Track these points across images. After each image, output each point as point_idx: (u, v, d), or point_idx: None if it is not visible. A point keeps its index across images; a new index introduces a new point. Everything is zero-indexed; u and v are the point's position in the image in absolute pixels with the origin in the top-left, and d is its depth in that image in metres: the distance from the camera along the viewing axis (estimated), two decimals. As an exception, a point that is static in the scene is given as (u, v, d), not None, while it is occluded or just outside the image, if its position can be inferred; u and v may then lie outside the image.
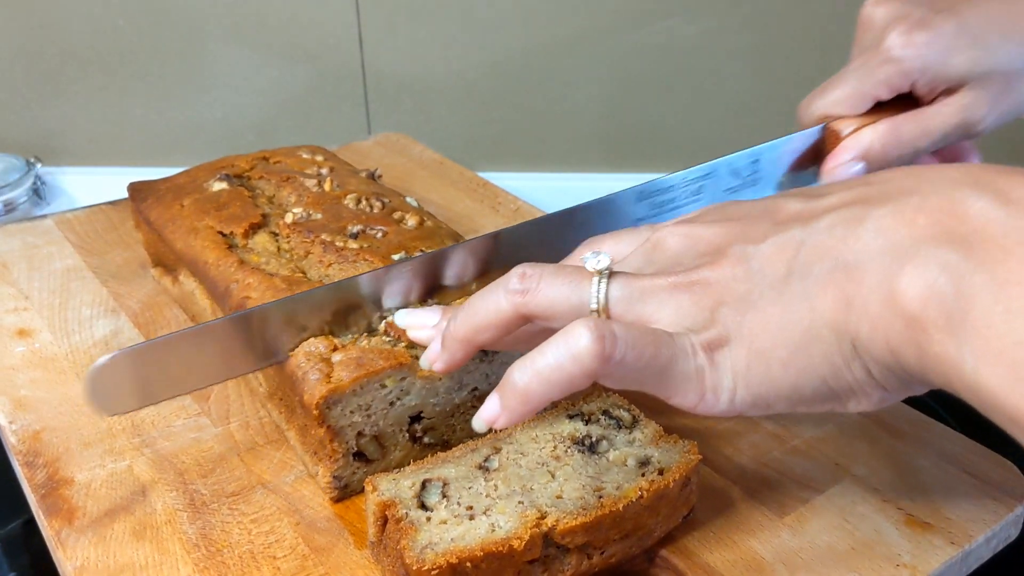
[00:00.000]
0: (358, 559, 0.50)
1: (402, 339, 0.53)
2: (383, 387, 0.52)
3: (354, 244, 0.60)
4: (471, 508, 0.47)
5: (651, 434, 0.52)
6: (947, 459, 0.57)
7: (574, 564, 0.47)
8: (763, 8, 0.99)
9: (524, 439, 0.51)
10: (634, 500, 0.47)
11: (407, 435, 0.55)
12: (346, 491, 0.54)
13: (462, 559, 0.44)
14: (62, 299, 0.73)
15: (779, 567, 0.50)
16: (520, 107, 1.07)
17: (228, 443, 0.58)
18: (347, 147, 1.01)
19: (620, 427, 0.53)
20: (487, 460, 0.50)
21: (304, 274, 0.59)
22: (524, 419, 0.42)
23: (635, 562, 0.50)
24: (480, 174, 0.95)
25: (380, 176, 0.74)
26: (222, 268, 0.60)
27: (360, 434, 0.53)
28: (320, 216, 0.64)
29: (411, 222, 0.64)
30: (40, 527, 0.53)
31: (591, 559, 0.48)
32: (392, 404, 0.53)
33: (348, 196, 0.66)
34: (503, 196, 0.90)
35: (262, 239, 0.63)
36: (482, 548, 0.44)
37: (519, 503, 0.47)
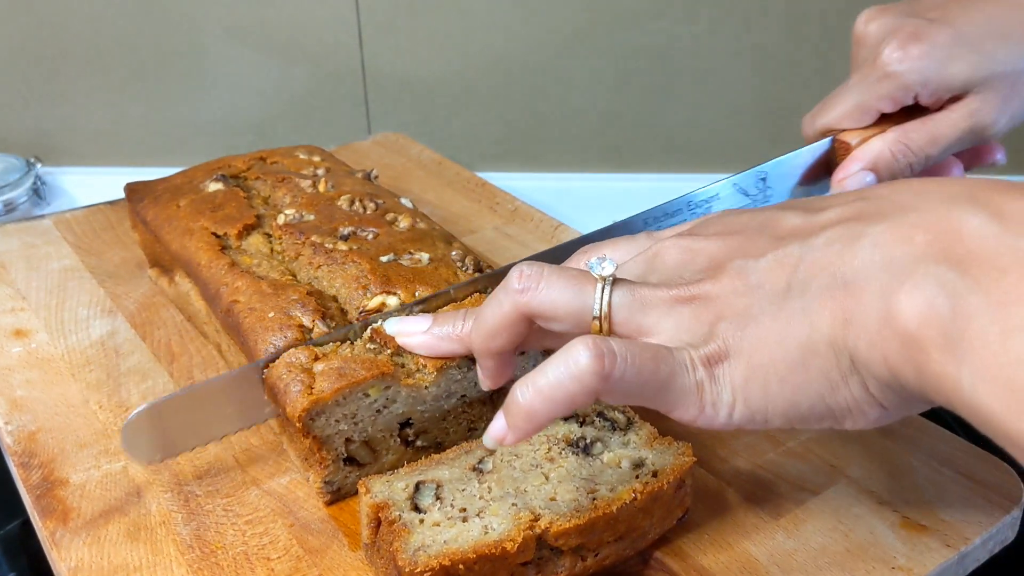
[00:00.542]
0: (352, 560, 0.50)
1: (388, 346, 0.53)
2: (367, 396, 0.52)
3: (343, 246, 0.60)
4: (464, 510, 0.47)
5: (645, 436, 0.52)
6: (943, 461, 0.57)
7: (568, 566, 0.47)
8: (763, 8, 0.99)
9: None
10: (628, 502, 0.47)
11: (398, 439, 0.55)
12: (339, 494, 0.54)
13: (455, 561, 0.44)
14: (59, 299, 0.73)
15: (774, 569, 0.49)
16: (519, 107, 1.07)
17: (223, 444, 0.58)
18: (346, 147, 1.01)
19: (614, 429, 0.53)
20: (481, 462, 0.50)
21: (294, 276, 0.59)
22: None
23: (629, 564, 0.50)
24: (480, 174, 0.95)
25: (376, 177, 0.74)
26: (214, 270, 0.60)
27: (349, 440, 0.53)
28: (313, 217, 0.64)
29: (403, 224, 0.64)
30: (35, 528, 0.53)
31: (585, 561, 0.48)
32: (379, 412, 0.53)
33: (342, 197, 0.66)
34: (501, 196, 0.90)
35: (256, 240, 0.63)
36: (475, 550, 0.44)
37: (513, 505, 0.47)
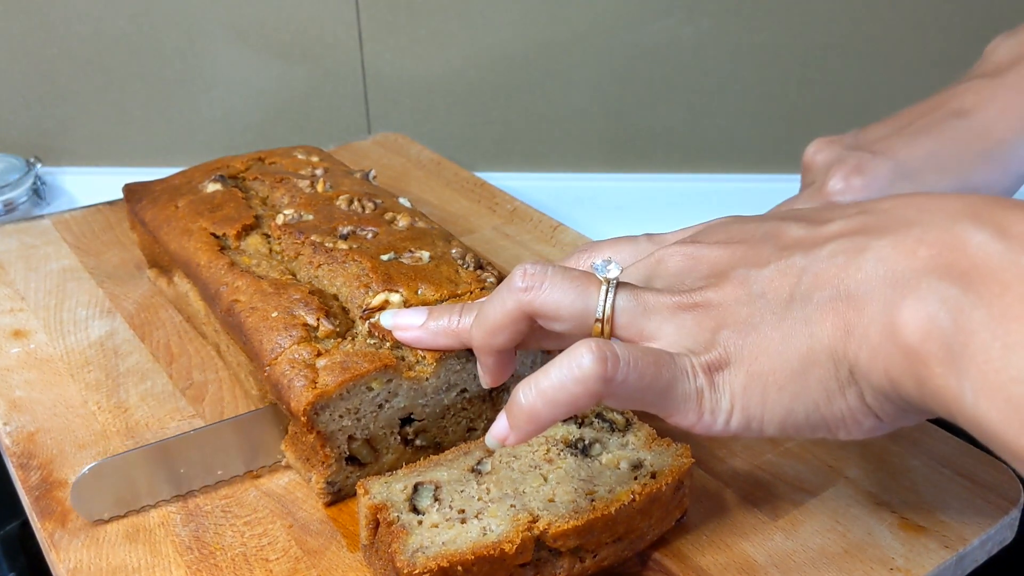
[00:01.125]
0: (350, 562, 0.50)
1: (387, 340, 0.53)
2: (370, 390, 0.52)
3: (343, 245, 0.60)
4: (463, 511, 0.47)
5: (644, 437, 0.52)
6: (941, 462, 0.57)
7: (566, 567, 0.47)
8: (763, 8, 0.99)
9: (517, 442, 0.51)
10: (627, 503, 0.47)
11: (399, 438, 0.55)
12: (339, 495, 0.54)
13: (453, 563, 0.44)
14: (58, 300, 0.73)
15: (772, 570, 0.49)
16: (519, 107, 1.07)
17: (222, 445, 0.58)
18: (346, 147, 1.01)
19: (613, 430, 0.53)
20: (479, 463, 0.50)
21: (294, 276, 0.59)
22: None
23: (628, 565, 0.50)
24: (479, 174, 0.95)
25: (375, 177, 0.74)
26: (213, 270, 0.60)
27: (351, 438, 0.53)
28: (311, 217, 0.64)
29: (402, 223, 0.64)
30: (34, 529, 0.53)
31: (583, 562, 0.48)
32: (381, 406, 0.53)
33: (340, 197, 0.66)
34: (500, 196, 0.90)
35: (254, 241, 0.63)
36: (473, 552, 0.44)
37: (511, 506, 0.47)
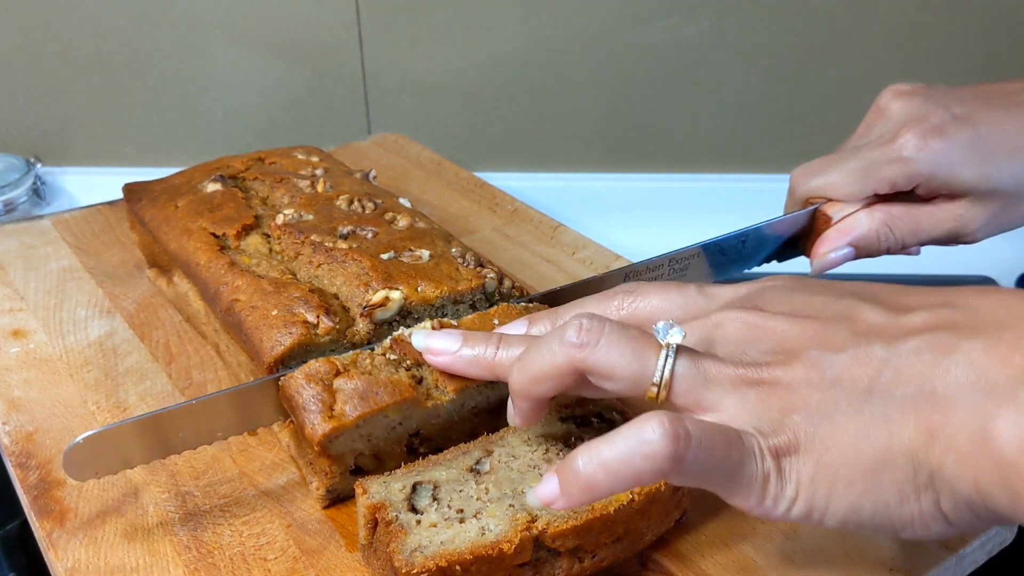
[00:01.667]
0: (349, 561, 0.50)
1: (407, 356, 0.52)
2: (386, 417, 0.51)
3: (343, 244, 0.60)
4: (461, 511, 0.47)
5: (643, 437, 0.52)
6: (942, 463, 0.57)
7: (565, 568, 0.47)
8: (763, 8, 0.99)
9: (516, 442, 0.51)
10: (625, 504, 0.47)
11: (405, 449, 0.54)
12: (338, 499, 0.54)
13: (451, 562, 0.44)
14: (58, 300, 0.73)
15: (771, 572, 0.49)
16: (519, 107, 1.07)
17: (220, 445, 0.58)
18: (345, 147, 1.01)
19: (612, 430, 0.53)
20: (478, 463, 0.50)
21: (294, 275, 0.59)
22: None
23: (627, 566, 0.50)
24: (479, 174, 0.95)
25: (375, 177, 0.74)
26: (213, 270, 0.60)
27: (360, 454, 0.53)
28: (311, 217, 0.64)
29: (402, 223, 0.64)
30: (32, 528, 0.53)
31: (582, 563, 0.48)
32: (394, 429, 0.52)
33: (340, 197, 0.66)
34: (500, 196, 0.90)
35: (254, 240, 0.63)
36: (472, 551, 0.44)
37: (510, 506, 0.47)
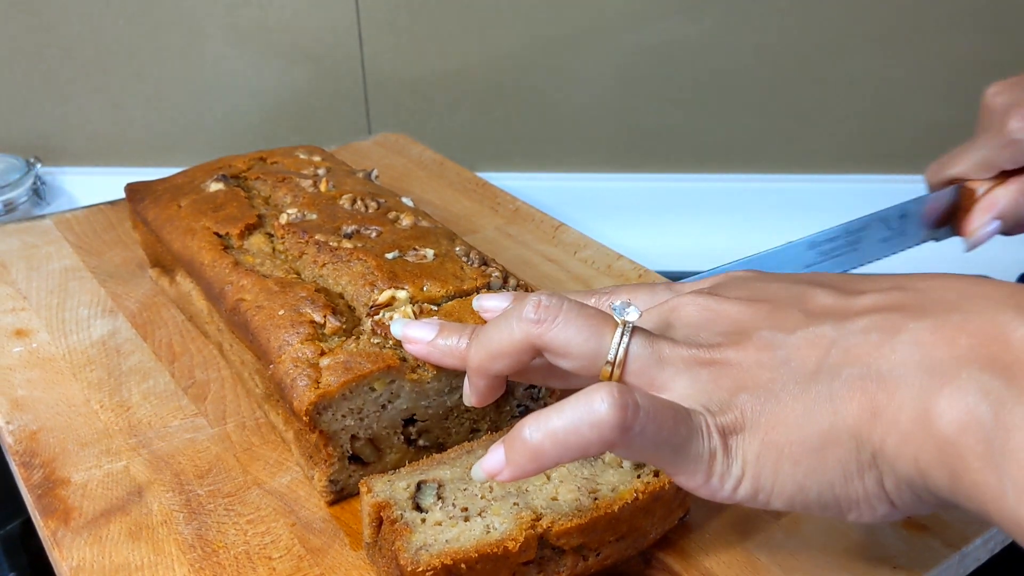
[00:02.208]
0: (353, 560, 0.50)
1: (390, 338, 0.53)
2: (372, 390, 0.52)
3: (348, 244, 0.60)
4: (466, 509, 0.47)
5: (647, 435, 0.52)
6: (944, 461, 0.57)
7: (569, 566, 0.47)
8: (763, 8, 0.99)
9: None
10: (629, 502, 0.47)
11: (402, 437, 0.55)
12: (342, 494, 0.54)
13: (457, 560, 0.44)
14: (60, 299, 0.73)
15: (775, 569, 0.49)
16: (520, 107, 1.07)
17: (224, 444, 0.58)
18: (346, 147, 1.01)
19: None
20: (482, 461, 0.50)
21: (298, 275, 0.59)
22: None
23: (631, 564, 0.50)
24: (480, 174, 0.95)
25: (377, 176, 0.74)
26: (217, 269, 0.60)
27: (354, 437, 0.53)
28: (315, 216, 0.64)
29: (406, 222, 0.64)
30: (36, 527, 0.53)
31: (586, 561, 0.48)
32: (384, 407, 0.53)
33: (343, 197, 0.66)
34: (502, 196, 0.90)
35: (258, 240, 0.63)
36: (477, 549, 0.44)
37: (514, 504, 0.47)
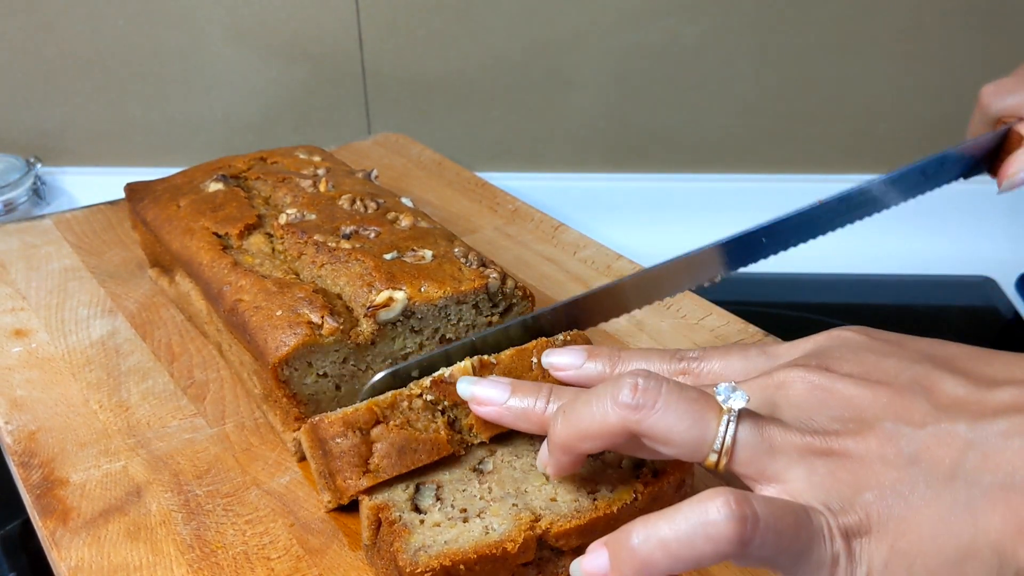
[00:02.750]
0: (352, 561, 0.50)
1: (445, 397, 0.50)
2: None
3: (347, 244, 0.60)
4: (465, 511, 0.47)
5: (646, 436, 0.52)
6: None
7: (568, 567, 0.47)
8: (763, 8, 0.99)
9: (519, 441, 0.51)
10: (629, 502, 0.47)
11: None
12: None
13: (455, 561, 0.44)
14: (59, 299, 0.73)
15: (774, 570, 0.49)
16: (520, 107, 1.07)
17: (223, 444, 0.58)
18: (346, 147, 1.01)
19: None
20: (481, 463, 0.50)
21: (297, 275, 0.59)
22: None
23: (630, 564, 0.50)
24: (480, 174, 0.95)
25: (376, 177, 0.74)
26: (216, 270, 0.60)
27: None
28: (314, 217, 0.64)
29: (405, 223, 0.64)
30: (35, 528, 0.53)
31: (585, 561, 0.48)
32: None
33: (343, 197, 0.66)
34: (501, 196, 0.90)
35: (257, 240, 0.63)
36: (475, 550, 0.44)
37: (513, 505, 0.47)
